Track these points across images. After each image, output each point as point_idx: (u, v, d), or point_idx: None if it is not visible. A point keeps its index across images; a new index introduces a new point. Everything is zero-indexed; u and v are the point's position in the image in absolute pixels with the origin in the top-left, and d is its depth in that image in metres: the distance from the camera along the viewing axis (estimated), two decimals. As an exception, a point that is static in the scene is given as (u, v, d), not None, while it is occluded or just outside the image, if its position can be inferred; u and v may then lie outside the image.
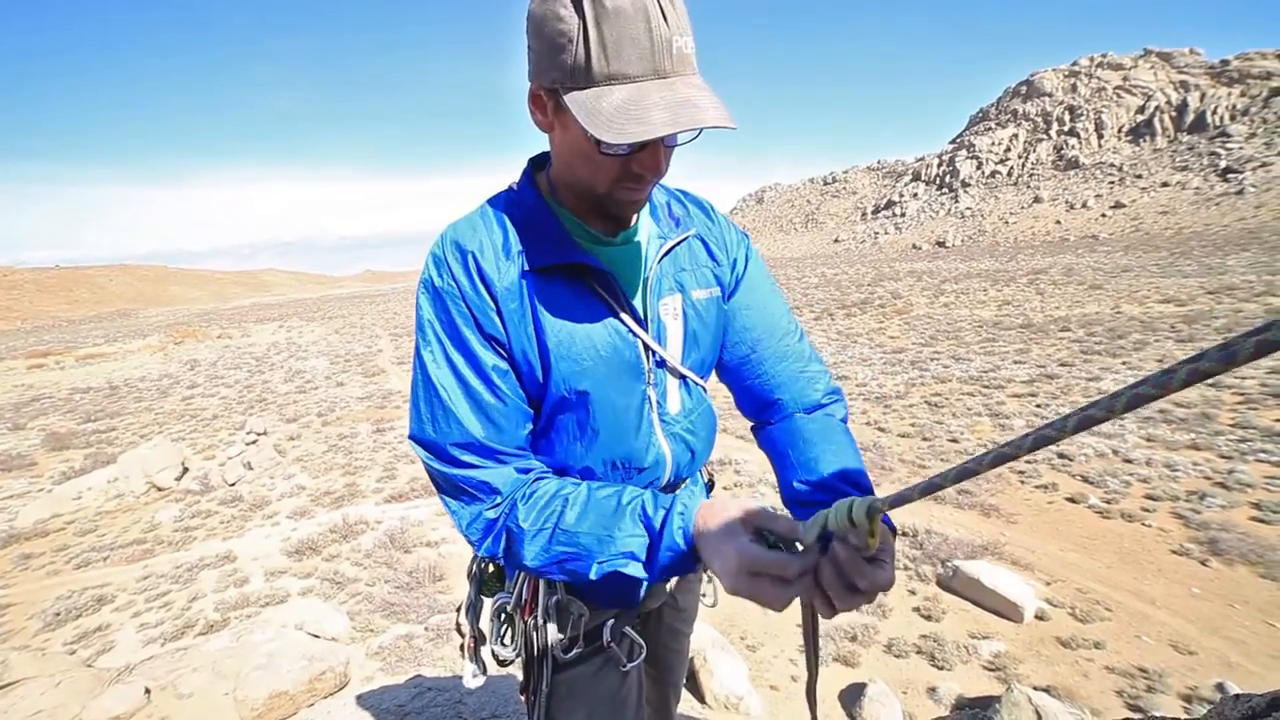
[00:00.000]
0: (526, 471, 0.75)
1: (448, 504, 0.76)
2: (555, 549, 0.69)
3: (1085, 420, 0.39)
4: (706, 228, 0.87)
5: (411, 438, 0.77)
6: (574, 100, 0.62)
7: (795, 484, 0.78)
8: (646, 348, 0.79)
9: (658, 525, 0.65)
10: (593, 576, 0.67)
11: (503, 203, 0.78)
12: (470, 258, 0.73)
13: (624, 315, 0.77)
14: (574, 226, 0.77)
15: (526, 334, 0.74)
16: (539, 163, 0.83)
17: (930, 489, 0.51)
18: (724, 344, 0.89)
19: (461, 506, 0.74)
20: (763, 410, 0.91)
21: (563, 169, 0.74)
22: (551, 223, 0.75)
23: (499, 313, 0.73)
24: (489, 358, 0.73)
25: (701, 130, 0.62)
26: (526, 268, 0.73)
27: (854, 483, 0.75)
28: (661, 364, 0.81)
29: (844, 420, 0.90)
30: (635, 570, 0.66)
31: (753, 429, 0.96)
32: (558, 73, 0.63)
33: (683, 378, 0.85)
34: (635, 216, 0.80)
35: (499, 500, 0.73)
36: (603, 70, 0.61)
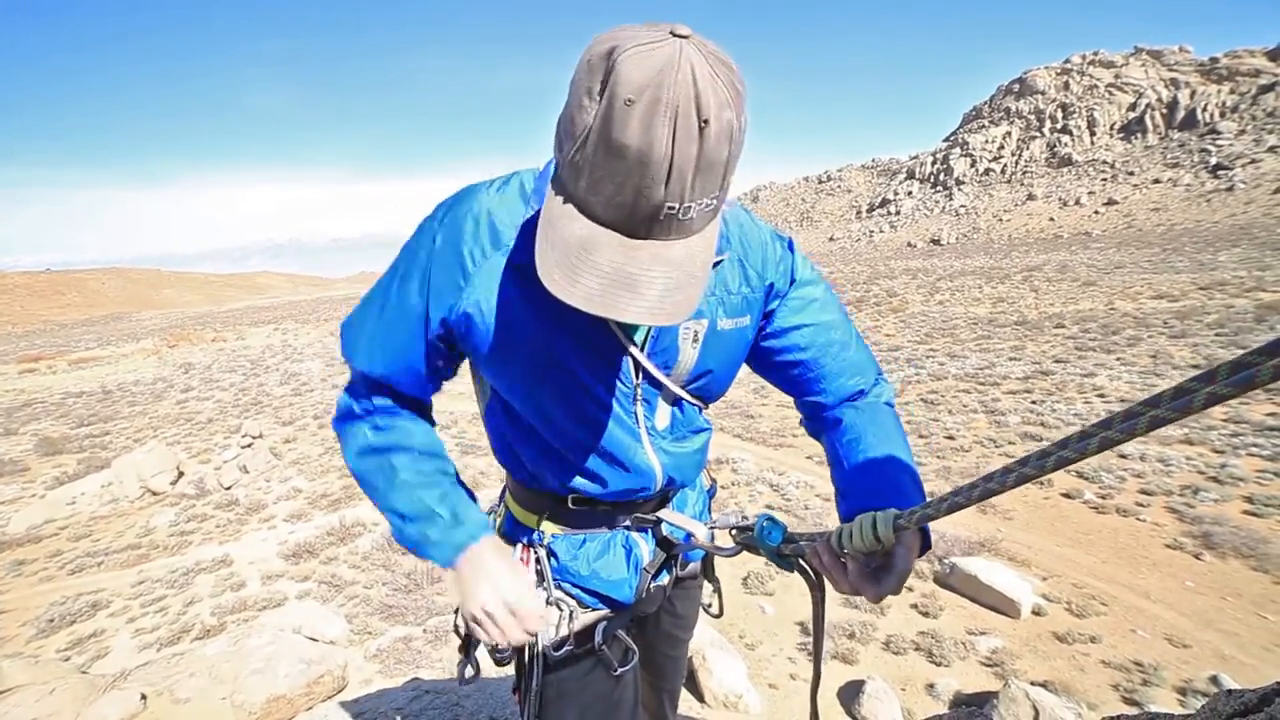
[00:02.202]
0: (417, 401, 0.81)
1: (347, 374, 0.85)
2: (367, 483, 0.79)
3: (1094, 445, 0.41)
4: (745, 248, 0.79)
5: (343, 327, 0.81)
6: (549, 198, 0.59)
7: (842, 475, 0.79)
8: (637, 364, 0.76)
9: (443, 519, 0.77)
10: (384, 515, 0.80)
11: (529, 186, 0.73)
12: (460, 233, 0.71)
13: (617, 331, 0.74)
14: None
15: (501, 320, 0.71)
16: None
17: (954, 508, 0.53)
18: (775, 362, 0.87)
19: (346, 381, 0.83)
20: (810, 406, 0.90)
21: None
22: None
23: (473, 296, 0.70)
24: (416, 325, 0.74)
25: None
26: (521, 261, 0.69)
27: (893, 477, 0.75)
28: (655, 382, 0.79)
29: (890, 404, 0.89)
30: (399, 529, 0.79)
31: (801, 421, 0.96)
32: (559, 152, 0.59)
33: (678, 400, 0.82)
34: None
35: (371, 406, 0.79)
36: (580, 195, 0.56)
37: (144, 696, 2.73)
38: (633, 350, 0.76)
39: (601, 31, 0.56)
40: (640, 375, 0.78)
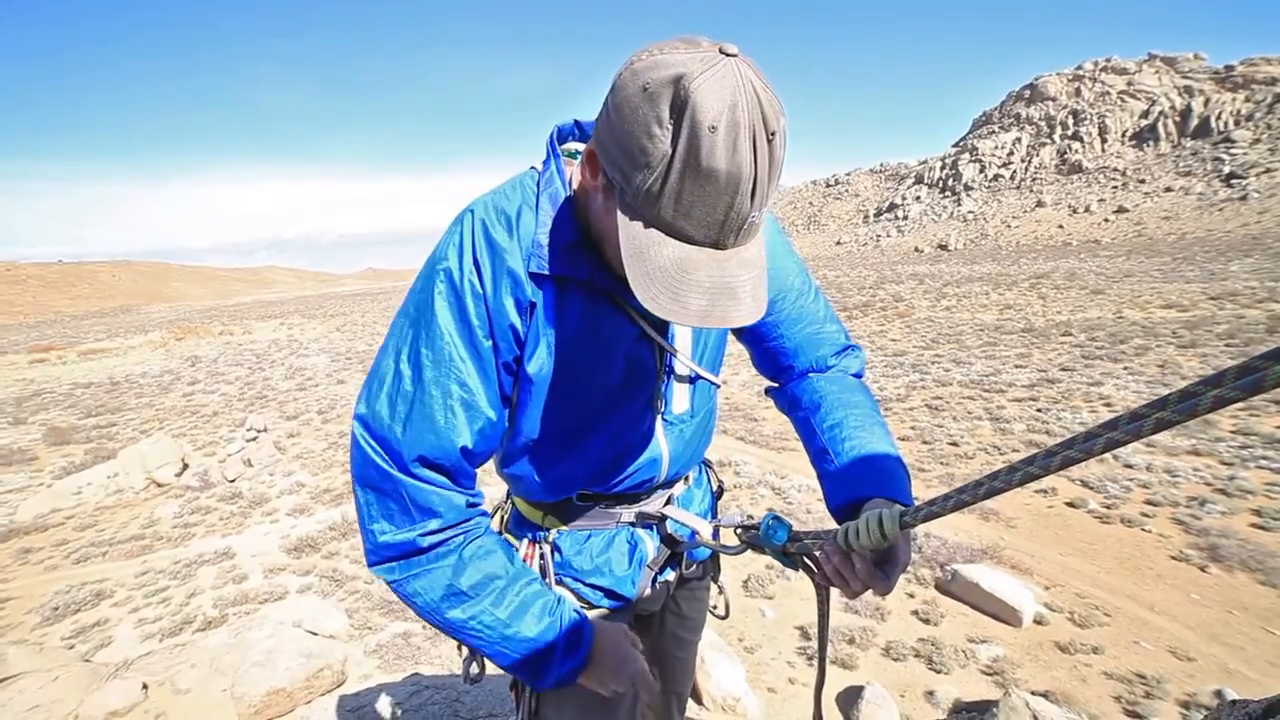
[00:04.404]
0: (472, 505, 0.72)
1: (368, 503, 0.69)
2: (472, 625, 0.70)
3: (1100, 446, 0.40)
4: None
5: (364, 424, 0.69)
6: (626, 227, 0.59)
7: (827, 463, 0.79)
8: (661, 351, 0.78)
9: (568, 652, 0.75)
10: (487, 656, 0.74)
11: (535, 191, 0.72)
12: (504, 261, 0.68)
13: (642, 322, 0.75)
14: (593, 240, 0.73)
15: (543, 337, 0.71)
16: (563, 134, 0.76)
17: (959, 506, 0.53)
18: None
19: (390, 513, 0.67)
20: (779, 373, 0.92)
21: (592, 223, 0.69)
22: (575, 234, 0.70)
23: (527, 321, 0.70)
24: (494, 370, 0.70)
25: None
26: (548, 271, 0.69)
27: (878, 463, 0.76)
28: (671, 366, 0.81)
29: (859, 374, 0.92)
30: (528, 670, 0.74)
31: (768, 389, 0.97)
32: (622, 179, 0.58)
33: (694, 379, 0.84)
34: None
35: (436, 528, 0.68)
36: (665, 220, 0.57)
37: (145, 686, 2.75)
38: (659, 340, 0.77)
39: (640, 53, 0.56)
40: (663, 362, 0.80)
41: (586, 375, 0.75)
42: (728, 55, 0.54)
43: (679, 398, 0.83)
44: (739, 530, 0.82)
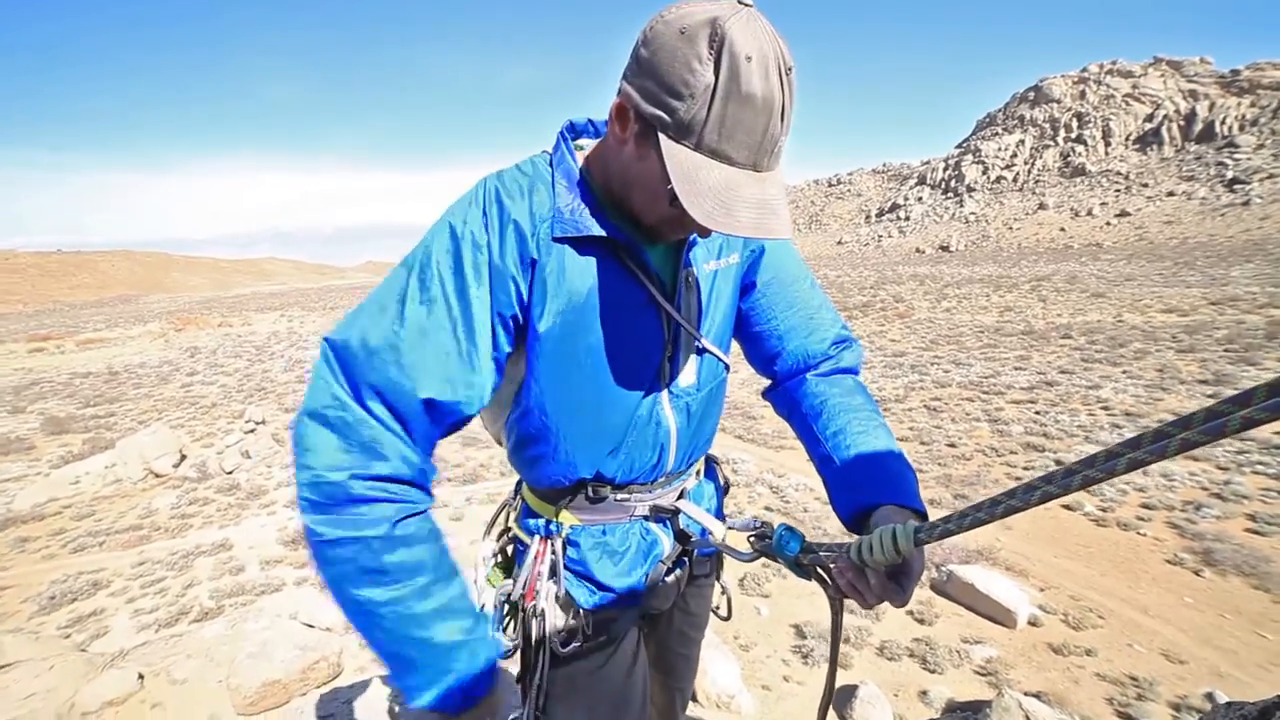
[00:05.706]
0: (423, 474, 0.68)
1: (305, 435, 0.64)
2: (384, 612, 0.64)
3: (1123, 465, 0.40)
4: None
5: (331, 345, 0.67)
6: (673, 155, 0.63)
7: (832, 470, 0.80)
8: (669, 319, 0.79)
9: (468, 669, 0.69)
10: (377, 652, 0.68)
11: (549, 170, 0.76)
12: (510, 217, 0.71)
13: (652, 288, 0.76)
14: (608, 206, 0.76)
15: (551, 301, 0.72)
16: (577, 129, 0.81)
17: (976, 524, 0.53)
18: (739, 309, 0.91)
19: (328, 448, 0.63)
20: (771, 362, 0.92)
21: (615, 181, 0.73)
22: (591, 199, 0.74)
23: (529, 278, 0.72)
24: (486, 323, 0.70)
25: None
26: (560, 235, 0.72)
27: (885, 469, 0.77)
28: (678, 336, 0.81)
29: (855, 369, 0.91)
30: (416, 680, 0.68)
31: (765, 392, 0.96)
32: (664, 113, 0.62)
33: (702, 352, 0.84)
34: None
35: (375, 474, 0.63)
36: (710, 144, 0.62)
37: (141, 676, 2.76)
38: (667, 307, 0.78)
39: (666, 9, 0.64)
40: (670, 329, 0.80)
41: (595, 341, 0.75)
42: (745, 5, 0.62)
43: (686, 370, 0.83)
44: (752, 538, 0.81)
